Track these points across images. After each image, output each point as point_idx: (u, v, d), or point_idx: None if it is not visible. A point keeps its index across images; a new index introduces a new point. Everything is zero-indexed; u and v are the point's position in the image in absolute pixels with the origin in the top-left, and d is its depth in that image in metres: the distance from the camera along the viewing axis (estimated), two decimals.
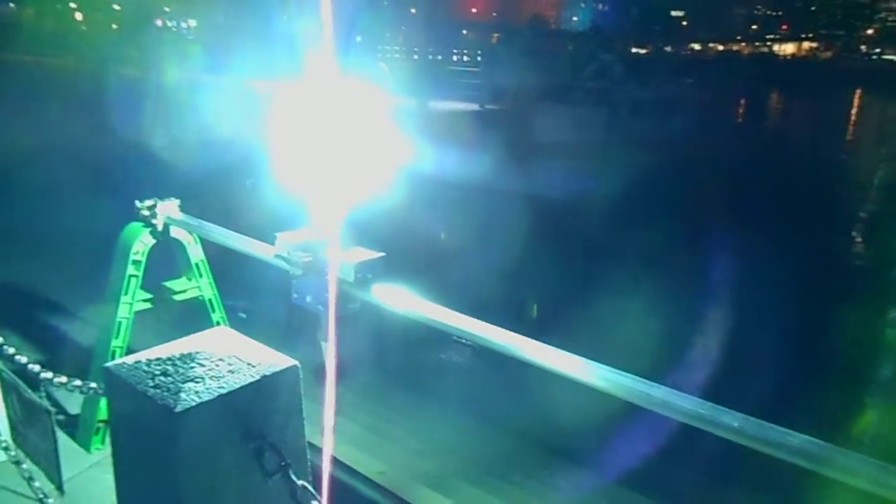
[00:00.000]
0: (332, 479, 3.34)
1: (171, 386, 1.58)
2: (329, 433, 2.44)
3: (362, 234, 2.62)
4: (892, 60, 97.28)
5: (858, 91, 63.72)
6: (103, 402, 3.42)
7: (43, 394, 2.88)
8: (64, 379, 2.52)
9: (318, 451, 3.26)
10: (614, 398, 2.04)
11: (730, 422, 1.82)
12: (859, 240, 17.97)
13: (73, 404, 3.99)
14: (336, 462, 3.17)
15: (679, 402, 1.89)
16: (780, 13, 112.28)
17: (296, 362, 1.70)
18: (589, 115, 29.64)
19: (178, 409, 1.51)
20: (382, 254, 2.59)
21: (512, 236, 12.24)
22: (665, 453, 4.77)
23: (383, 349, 5.45)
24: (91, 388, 2.43)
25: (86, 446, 3.80)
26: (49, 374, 2.62)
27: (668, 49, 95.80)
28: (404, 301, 2.49)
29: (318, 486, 1.66)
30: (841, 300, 10.85)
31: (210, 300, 4.03)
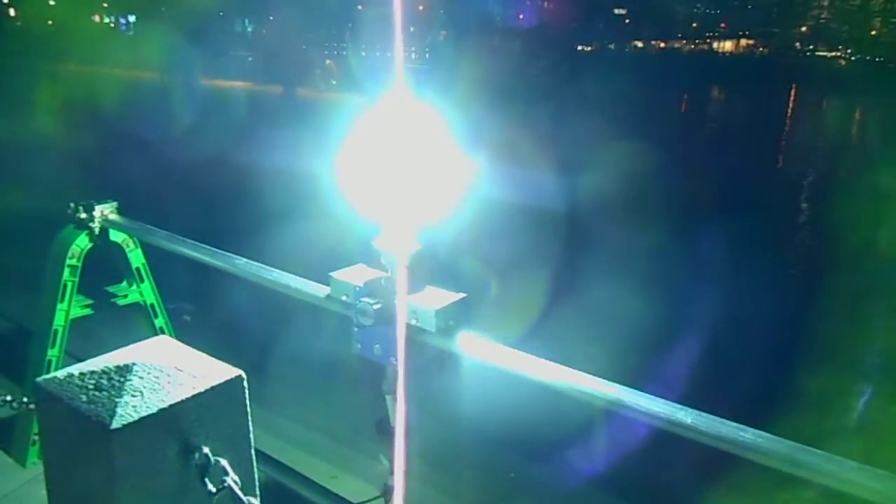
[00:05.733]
0: (282, 487, 3.27)
1: (106, 401, 1.49)
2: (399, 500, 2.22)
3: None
4: (824, 56, 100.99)
5: (794, 86, 65.83)
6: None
7: None
8: None
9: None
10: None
11: (683, 418, 1.82)
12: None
13: (6, 415, 3.81)
14: (286, 469, 3.10)
15: (634, 401, 1.88)
16: (718, 11, 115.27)
17: (240, 372, 1.63)
18: (537, 111, 29.91)
19: (114, 425, 1.42)
20: (463, 295, 2.24)
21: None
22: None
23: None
24: (23, 403, 2.30)
25: (21, 461, 3.63)
26: None
27: (612, 46, 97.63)
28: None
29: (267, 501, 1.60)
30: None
31: (152, 305, 3.90)
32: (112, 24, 74.13)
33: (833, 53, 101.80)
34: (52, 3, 69.69)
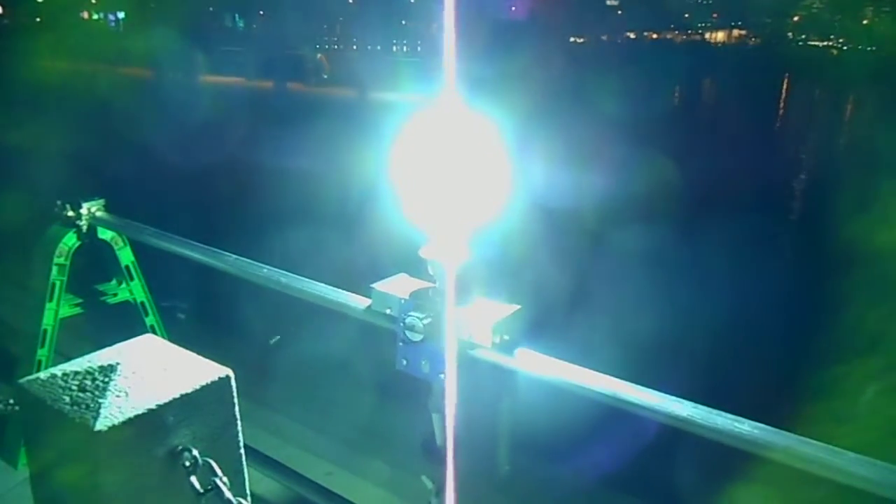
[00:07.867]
0: (276, 484, 3.24)
1: (91, 402, 1.46)
2: None
3: None
4: (816, 46, 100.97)
5: (787, 76, 65.75)
6: None
7: None
8: None
9: None
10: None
11: (678, 411, 1.80)
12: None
13: None
14: (280, 466, 3.07)
15: (630, 395, 1.86)
16: (710, 2, 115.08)
17: (228, 371, 1.60)
18: (531, 103, 29.86)
19: (98, 427, 1.39)
20: (518, 307, 2.09)
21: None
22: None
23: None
24: (9, 404, 2.27)
25: (12, 463, 3.59)
26: None
27: (605, 38, 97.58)
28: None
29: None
30: None
31: (142, 303, 3.86)
32: (101, 21, 73.65)
33: (825, 43, 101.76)
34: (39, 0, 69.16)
